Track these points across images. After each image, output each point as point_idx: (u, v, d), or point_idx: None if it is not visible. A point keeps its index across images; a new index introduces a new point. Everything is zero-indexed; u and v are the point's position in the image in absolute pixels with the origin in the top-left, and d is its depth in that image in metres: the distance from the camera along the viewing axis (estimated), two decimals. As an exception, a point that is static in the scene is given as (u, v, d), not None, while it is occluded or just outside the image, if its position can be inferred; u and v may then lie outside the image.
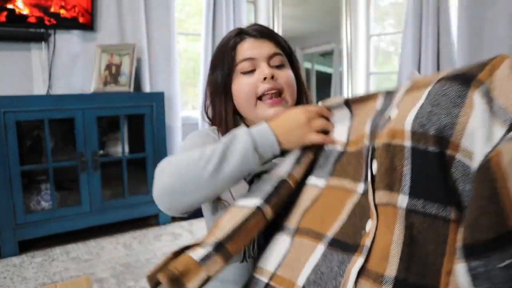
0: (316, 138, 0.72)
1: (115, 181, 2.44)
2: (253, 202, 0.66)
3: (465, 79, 0.54)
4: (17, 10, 2.26)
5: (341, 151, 0.70)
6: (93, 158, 2.25)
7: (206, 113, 0.93)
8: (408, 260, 0.52)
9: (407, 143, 0.55)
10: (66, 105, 2.17)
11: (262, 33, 0.85)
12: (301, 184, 0.71)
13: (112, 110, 2.34)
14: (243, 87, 0.83)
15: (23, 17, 2.29)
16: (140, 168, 2.49)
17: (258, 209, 0.64)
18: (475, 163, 0.51)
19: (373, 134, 0.63)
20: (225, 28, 2.88)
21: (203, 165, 0.67)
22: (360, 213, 0.60)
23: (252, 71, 0.83)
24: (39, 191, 2.25)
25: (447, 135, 0.53)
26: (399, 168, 0.55)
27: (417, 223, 0.53)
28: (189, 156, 0.69)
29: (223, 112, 0.86)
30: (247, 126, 0.87)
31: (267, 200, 0.66)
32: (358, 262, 0.55)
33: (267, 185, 0.68)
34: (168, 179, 0.69)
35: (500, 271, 0.45)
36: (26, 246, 2.19)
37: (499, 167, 0.46)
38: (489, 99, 0.52)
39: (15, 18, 2.26)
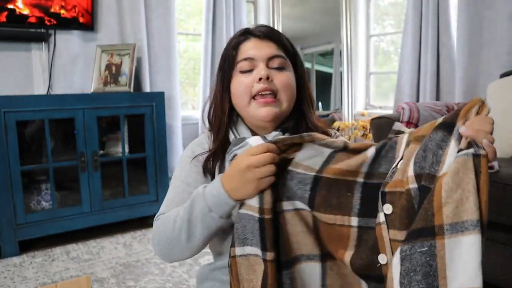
0: (263, 186, 0.68)
1: (115, 181, 2.44)
2: (255, 251, 0.69)
3: (447, 125, 0.63)
4: (17, 10, 2.26)
5: (314, 175, 0.71)
6: (93, 158, 2.25)
7: (208, 113, 0.93)
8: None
9: (413, 185, 0.63)
10: (66, 105, 2.17)
11: (266, 33, 0.86)
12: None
13: (112, 110, 2.34)
14: (239, 85, 0.84)
15: (24, 17, 2.29)
16: (140, 168, 2.49)
17: (264, 260, 0.68)
18: None
19: (371, 176, 0.70)
20: (225, 28, 2.89)
21: (177, 235, 0.74)
22: (368, 246, 0.67)
23: (250, 71, 0.84)
24: (39, 191, 2.25)
25: (434, 171, 0.61)
26: (410, 207, 0.63)
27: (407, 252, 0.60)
28: (166, 225, 0.76)
29: (220, 110, 0.87)
30: (246, 124, 0.88)
31: (264, 247, 0.68)
32: None
33: (251, 226, 0.69)
34: (158, 246, 0.79)
35: (418, 254, 0.55)
36: (27, 246, 2.19)
37: (440, 181, 0.57)
38: (459, 135, 0.60)
39: (15, 18, 2.27)
